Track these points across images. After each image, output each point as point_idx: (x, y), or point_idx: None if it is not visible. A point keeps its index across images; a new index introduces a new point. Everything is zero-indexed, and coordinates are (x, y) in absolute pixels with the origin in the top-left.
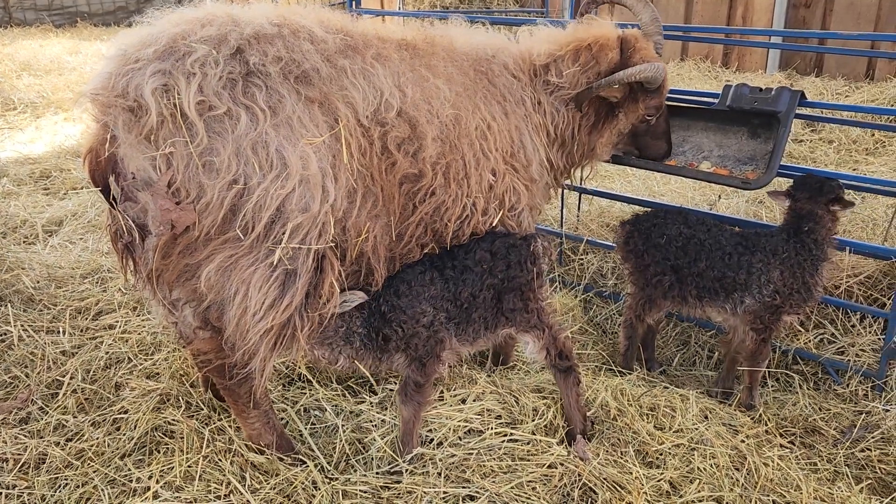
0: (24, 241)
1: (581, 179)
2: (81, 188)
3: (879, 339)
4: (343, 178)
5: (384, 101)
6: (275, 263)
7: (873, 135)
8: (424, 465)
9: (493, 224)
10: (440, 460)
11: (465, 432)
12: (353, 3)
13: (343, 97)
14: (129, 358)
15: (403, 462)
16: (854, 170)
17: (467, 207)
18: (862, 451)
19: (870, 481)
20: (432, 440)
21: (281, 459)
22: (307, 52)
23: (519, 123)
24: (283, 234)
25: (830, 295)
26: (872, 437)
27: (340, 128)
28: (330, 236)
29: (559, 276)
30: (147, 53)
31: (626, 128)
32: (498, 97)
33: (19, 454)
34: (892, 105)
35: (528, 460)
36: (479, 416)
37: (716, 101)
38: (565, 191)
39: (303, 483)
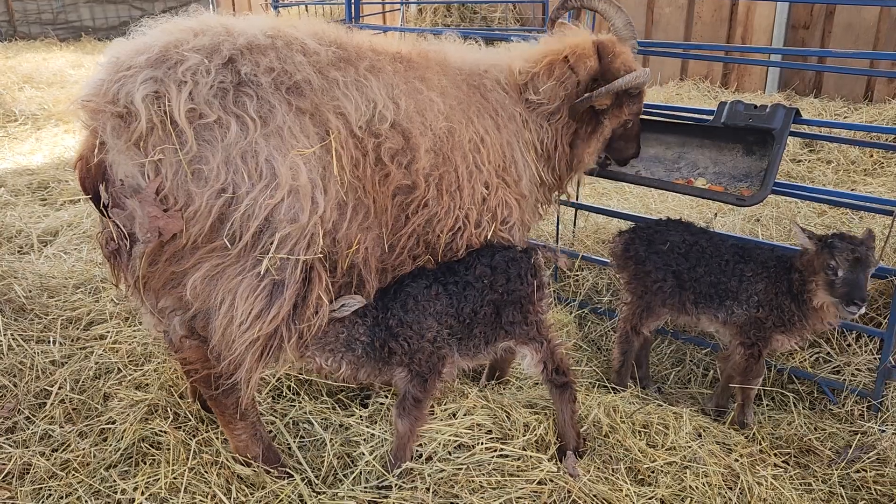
0: (18, 251)
1: (577, 194)
2: (79, 199)
3: (875, 358)
4: (333, 189)
5: (378, 113)
6: (262, 274)
7: (871, 155)
8: (413, 480)
9: (486, 237)
10: (429, 475)
11: (454, 447)
12: (353, 19)
13: (334, 108)
14: (118, 368)
15: (392, 476)
16: (852, 189)
17: (459, 219)
18: (857, 471)
19: (864, 502)
20: (421, 455)
21: (268, 472)
22: (299, 63)
23: (510, 139)
24: (271, 244)
25: None
26: (868, 458)
27: (331, 139)
28: (318, 248)
29: (554, 291)
30: (139, 61)
31: (609, 134)
32: (490, 111)
33: (3, 464)
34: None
35: (518, 476)
36: (469, 431)
37: (711, 117)
38: (561, 206)
39: (289, 496)
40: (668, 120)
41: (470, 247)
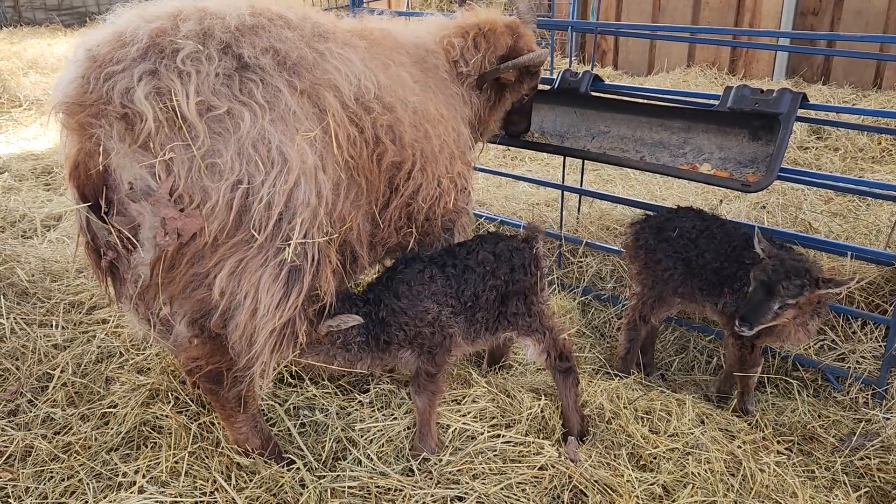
0: (22, 236)
1: (581, 180)
2: None
3: (881, 345)
4: (331, 169)
5: (362, 85)
6: (287, 261)
7: (880, 143)
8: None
9: (452, 205)
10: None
11: (455, 432)
12: (358, 3)
13: (328, 82)
14: (120, 352)
15: (414, 462)
16: (859, 176)
17: (436, 189)
18: (861, 459)
19: (868, 489)
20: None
21: (266, 463)
22: (290, 39)
23: (455, 113)
24: (293, 230)
25: (831, 300)
26: (872, 446)
27: (329, 119)
28: (326, 228)
29: (558, 278)
30: (129, 53)
31: (509, 106)
32: (440, 88)
33: (5, 446)
34: None
35: (519, 462)
36: (472, 417)
37: (717, 102)
38: (565, 192)
39: (290, 481)
40: (673, 105)
41: (444, 215)
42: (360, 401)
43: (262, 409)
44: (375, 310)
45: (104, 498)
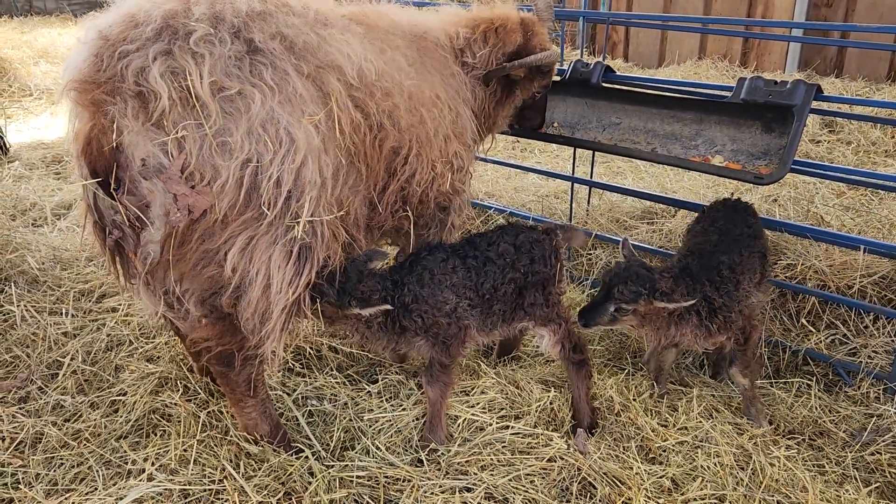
0: (32, 224)
1: (591, 172)
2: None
3: (893, 340)
4: (332, 152)
5: (364, 70)
6: (297, 238)
7: (893, 137)
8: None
9: (448, 187)
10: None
11: (465, 423)
12: None
13: (331, 64)
14: (130, 341)
15: (423, 453)
16: (873, 170)
17: (430, 172)
18: (872, 454)
19: (878, 485)
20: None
21: (275, 451)
22: (296, 25)
23: (454, 94)
24: (301, 207)
25: (843, 295)
26: (883, 441)
27: (333, 103)
28: (335, 208)
29: (567, 270)
30: (142, 33)
31: (520, 103)
32: (436, 69)
33: (16, 433)
34: None
35: (528, 453)
36: (480, 409)
37: (730, 94)
38: (575, 185)
39: (298, 470)
40: (685, 96)
41: (437, 198)
42: (368, 391)
43: (271, 398)
44: (399, 293)
45: (113, 485)
